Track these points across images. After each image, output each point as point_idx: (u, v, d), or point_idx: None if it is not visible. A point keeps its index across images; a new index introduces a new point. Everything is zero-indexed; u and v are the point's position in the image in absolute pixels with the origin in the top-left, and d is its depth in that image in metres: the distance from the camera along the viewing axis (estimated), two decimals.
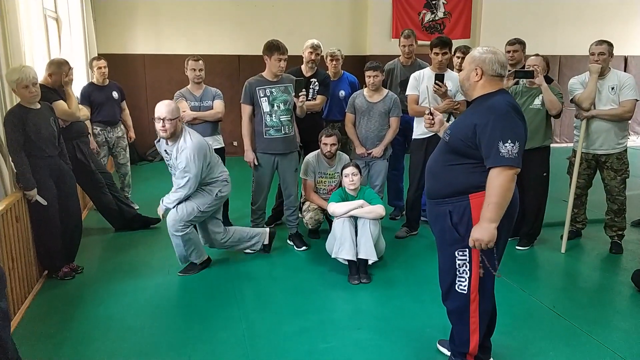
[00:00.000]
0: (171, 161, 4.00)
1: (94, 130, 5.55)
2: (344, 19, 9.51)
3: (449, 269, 2.61)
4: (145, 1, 8.57)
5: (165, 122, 3.81)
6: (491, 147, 2.35)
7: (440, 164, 2.59)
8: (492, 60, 2.48)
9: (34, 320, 3.41)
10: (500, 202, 2.35)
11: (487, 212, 2.37)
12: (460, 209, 2.49)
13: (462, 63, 3.86)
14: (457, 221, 2.51)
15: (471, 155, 2.46)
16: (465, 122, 2.51)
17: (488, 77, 2.50)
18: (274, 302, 3.68)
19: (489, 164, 2.37)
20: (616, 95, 4.35)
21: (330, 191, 4.68)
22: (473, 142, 2.43)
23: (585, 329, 3.29)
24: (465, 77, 2.57)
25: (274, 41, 4.34)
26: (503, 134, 2.34)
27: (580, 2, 10.10)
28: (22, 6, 4.06)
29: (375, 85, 4.69)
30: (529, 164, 4.41)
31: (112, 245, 4.88)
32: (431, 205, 2.68)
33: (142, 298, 3.73)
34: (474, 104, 2.57)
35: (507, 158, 2.33)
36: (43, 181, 3.74)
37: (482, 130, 2.38)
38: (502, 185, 2.34)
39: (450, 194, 2.52)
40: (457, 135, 2.51)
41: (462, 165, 2.49)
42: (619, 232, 4.61)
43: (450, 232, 2.54)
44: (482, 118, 2.40)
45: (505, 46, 4.87)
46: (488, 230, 2.36)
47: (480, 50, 2.54)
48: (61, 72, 4.28)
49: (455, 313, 2.68)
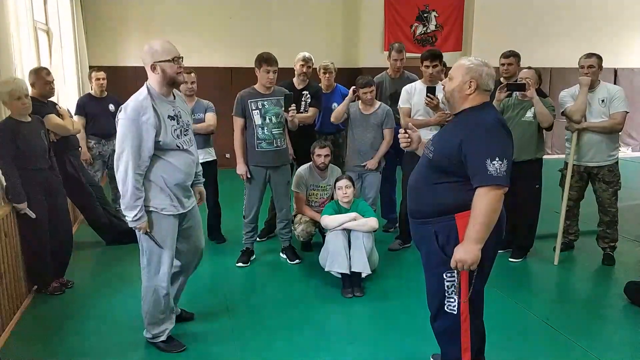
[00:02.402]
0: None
1: (88, 143, 5.52)
2: (336, 32, 9.56)
3: (437, 291, 2.48)
4: (136, 13, 8.59)
5: None
6: (478, 165, 2.23)
7: (423, 181, 2.46)
8: (487, 73, 2.38)
9: (23, 336, 3.36)
10: (487, 222, 2.24)
11: (472, 232, 2.25)
12: (446, 230, 2.37)
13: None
14: (443, 243, 2.38)
15: (456, 173, 2.33)
16: (449, 137, 2.38)
17: (480, 91, 2.39)
18: (267, 316, 3.65)
19: (475, 183, 2.25)
20: (606, 108, 4.38)
21: (322, 204, 4.66)
22: (458, 159, 2.29)
23: (578, 341, 3.28)
24: (457, 88, 2.41)
25: (264, 53, 4.35)
26: (490, 151, 2.22)
27: (570, 15, 10.21)
28: (12, 19, 4.05)
29: (371, 100, 4.71)
30: (521, 176, 4.43)
31: (102, 259, 4.83)
32: (415, 225, 2.55)
33: (132, 313, 3.67)
34: (460, 118, 2.44)
35: (495, 177, 2.20)
36: (33, 195, 3.71)
37: (468, 147, 2.26)
38: (489, 206, 2.22)
39: (435, 214, 2.39)
40: (441, 152, 2.37)
41: (447, 184, 2.36)
42: (611, 243, 4.62)
43: (437, 255, 2.41)
44: (469, 134, 2.28)
45: (500, 59, 4.90)
46: (472, 251, 2.25)
47: (474, 62, 2.41)
48: (39, 77, 4.23)
49: (446, 333, 2.54)
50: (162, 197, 2.95)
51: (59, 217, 4.02)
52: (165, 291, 3.08)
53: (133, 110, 2.79)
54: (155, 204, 2.94)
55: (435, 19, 9.65)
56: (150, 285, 3.07)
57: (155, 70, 2.86)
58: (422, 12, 9.56)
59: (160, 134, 2.84)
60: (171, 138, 2.90)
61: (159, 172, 2.92)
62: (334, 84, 5.51)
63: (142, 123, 2.78)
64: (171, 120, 2.91)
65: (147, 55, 2.88)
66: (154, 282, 3.05)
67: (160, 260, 3.02)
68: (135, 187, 2.82)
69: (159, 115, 2.84)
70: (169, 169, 2.94)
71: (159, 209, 2.95)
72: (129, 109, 2.80)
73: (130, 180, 2.80)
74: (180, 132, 2.97)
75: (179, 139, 2.96)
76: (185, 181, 3.05)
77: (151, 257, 3.03)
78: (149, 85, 2.91)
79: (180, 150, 2.97)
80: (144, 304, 3.14)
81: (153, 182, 2.92)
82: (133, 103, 2.82)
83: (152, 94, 2.86)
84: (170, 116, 2.92)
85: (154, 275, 3.05)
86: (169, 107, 2.93)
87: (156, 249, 2.99)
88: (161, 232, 2.98)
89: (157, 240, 2.97)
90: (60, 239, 4.04)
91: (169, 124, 2.89)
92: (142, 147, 2.80)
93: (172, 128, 2.91)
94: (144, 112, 2.79)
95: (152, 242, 2.97)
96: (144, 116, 2.78)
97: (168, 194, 2.96)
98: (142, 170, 2.86)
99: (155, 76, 2.88)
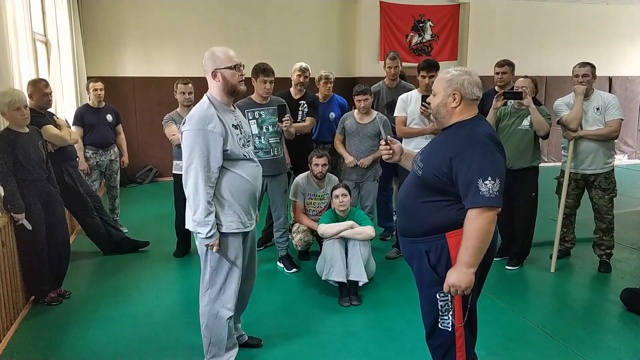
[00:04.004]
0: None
1: (85, 153, 5.53)
2: (333, 42, 9.61)
3: (430, 310, 2.37)
4: (134, 24, 8.63)
5: None
6: (469, 185, 2.12)
7: (412, 199, 2.35)
8: (470, 82, 2.25)
9: (20, 347, 3.36)
10: (480, 245, 2.12)
11: (464, 256, 2.13)
12: (437, 249, 2.26)
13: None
14: (435, 262, 2.27)
15: (447, 191, 2.22)
16: (439, 154, 2.25)
17: (466, 102, 2.26)
18: (264, 325, 3.65)
19: (467, 204, 2.13)
20: (601, 116, 4.41)
21: (319, 212, 4.68)
22: (449, 177, 2.18)
23: (575, 348, 3.29)
24: (442, 103, 2.29)
25: (261, 64, 4.38)
26: (482, 170, 2.10)
27: (565, 24, 10.29)
28: (10, 30, 4.07)
29: (366, 108, 4.72)
30: (518, 184, 4.48)
31: (100, 269, 4.83)
32: (405, 244, 2.45)
33: (130, 323, 3.68)
34: (449, 133, 2.31)
35: (488, 198, 2.09)
36: (31, 205, 3.72)
37: (458, 165, 2.15)
38: (482, 228, 2.10)
39: (425, 233, 2.28)
40: (430, 170, 2.25)
41: (438, 202, 2.25)
42: (607, 250, 4.64)
43: (428, 275, 2.30)
44: (459, 151, 2.16)
45: (495, 67, 4.94)
46: (466, 275, 2.13)
47: (453, 73, 2.29)
48: (38, 89, 4.26)
49: (442, 349, 2.41)
50: (231, 214, 2.79)
51: (57, 227, 4.02)
52: (231, 313, 2.89)
53: (199, 120, 2.67)
54: (225, 223, 2.78)
55: (431, 29, 9.71)
56: (211, 310, 2.87)
57: (216, 77, 2.76)
58: (418, 22, 9.62)
59: (227, 142, 2.71)
60: (238, 147, 2.77)
61: (227, 186, 2.77)
62: (331, 94, 5.56)
63: (209, 132, 2.65)
64: (235, 129, 2.80)
65: (208, 61, 2.77)
66: (217, 306, 2.86)
67: (228, 279, 2.85)
68: (207, 202, 2.67)
69: (224, 123, 2.72)
70: (237, 181, 2.79)
71: (232, 228, 2.80)
72: (194, 120, 2.68)
73: (202, 194, 2.66)
74: (244, 142, 2.86)
75: (245, 148, 2.84)
76: (254, 192, 2.89)
77: (216, 277, 2.84)
78: (210, 95, 2.81)
79: (246, 160, 2.84)
80: (206, 331, 2.92)
81: (222, 199, 2.76)
82: (197, 113, 2.71)
83: (214, 104, 2.77)
84: (234, 125, 2.80)
85: (217, 297, 2.86)
86: (231, 116, 2.83)
87: (225, 268, 2.83)
88: (232, 252, 2.84)
89: (230, 259, 2.84)
90: (57, 249, 4.04)
91: (234, 133, 2.78)
92: (210, 157, 2.67)
93: (237, 137, 2.79)
94: (209, 121, 2.67)
95: (222, 261, 2.82)
96: (209, 124, 2.66)
97: (236, 211, 2.80)
98: (212, 182, 2.71)
99: (216, 84, 2.77)
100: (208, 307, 2.89)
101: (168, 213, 5.24)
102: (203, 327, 2.93)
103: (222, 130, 2.69)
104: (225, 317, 2.89)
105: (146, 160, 8.88)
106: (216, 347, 2.94)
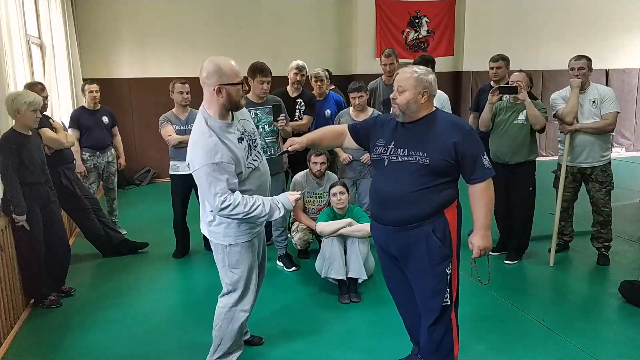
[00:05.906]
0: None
1: (82, 156, 5.53)
2: (329, 39, 9.59)
3: (441, 289, 2.58)
4: (129, 25, 8.61)
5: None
6: (476, 162, 2.49)
7: (416, 187, 2.51)
8: (434, 80, 2.57)
9: (21, 350, 3.36)
10: (492, 209, 2.59)
11: (486, 221, 2.56)
12: (440, 226, 2.54)
13: None
14: (442, 238, 2.54)
15: (450, 173, 2.53)
16: (438, 142, 2.49)
17: (430, 98, 2.56)
18: (264, 324, 3.65)
19: (479, 178, 2.51)
20: (597, 109, 4.42)
21: (319, 211, 4.68)
22: (455, 159, 2.49)
23: (575, 341, 3.30)
24: (413, 100, 2.51)
25: (258, 63, 4.36)
26: (480, 148, 2.53)
27: (561, 18, 10.28)
28: (5, 33, 4.07)
29: (361, 105, 4.72)
30: (515, 179, 4.48)
31: (99, 271, 4.83)
32: (403, 232, 2.58)
33: (130, 325, 3.69)
34: (425, 123, 2.55)
35: (490, 169, 2.53)
36: (30, 208, 3.72)
37: (465, 148, 2.47)
38: (492, 195, 2.54)
39: (431, 214, 2.53)
40: (439, 157, 2.47)
41: (440, 185, 2.52)
42: (605, 243, 4.64)
43: (439, 251, 2.54)
44: (458, 135, 2.48)
45: (489, 62, 4.94)
46: (489, 237, 2.57)
47: (419, 72, 2.53)
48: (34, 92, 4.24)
49: (444, 327, 2.63)
50: (243, 225, 2.73)
51: (55, 230, 4.03)
52: (248, 314, 2.92)
53: (205, 155, 2.51)
54: (239, 234, 2.75)
55: (427, 25, 9.70)
56: (229, 312, 2.88)
57: (220, 93, 2.56)
58: (414, 18, 9.61)
59: (237, 165, 2.59)
60: (245, 163, 2.65)
61: None
62: (327, 91, 5.55)
63: (219, 164, 2.51)
64: (241, 143, 2.66)
65: (212, 75, 2.55)
66: (235, 308, 2.87)
67: (247, 284, 2.86)
68: (250, 207, 2.58)
69: (229, 147, 2.57)
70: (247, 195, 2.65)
71: (245, 239, 2.77)
72: (199, 155, 2.53)
73: (247, 208, 2.57)
74: (250, 149, 2.73)
75: (250, 156, 2.72)
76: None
77: (238, 283, 2.84)
78: (206, 115, 2.61)
79: (253, 171, 2.73)
80: (218, 332, 2.92)
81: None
82: (200, 146, 2.54)
83: (214, 129, 2.57)
84: (239, 138, 2.66)
85: (239, 301, 2.87)
86: (232, 130, 2.66)
87: (245, 274, 2.83)
88: (247, 258, 2.82)
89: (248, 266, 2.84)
90: (57, 252, 4.05)
91: (241, 147, 2.64)
92: (229, 182, 2.53)
93: (245, 150, 2.67)
94: (215, 152, 2.51)
95: (241, 268, 2.81)
96: (216, 156, 2.50)
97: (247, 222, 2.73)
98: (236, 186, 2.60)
99: (218, 99, 2.58)
100: (224, 309, 2.90)
101: (167, 214, 5.24)
102: (216, 328, 2.93)
103: (229, 157, 2.55)
104: (242, 320, 2.91)
105: (144, 161, 8.87)
106: (224, 348, 2.96)
